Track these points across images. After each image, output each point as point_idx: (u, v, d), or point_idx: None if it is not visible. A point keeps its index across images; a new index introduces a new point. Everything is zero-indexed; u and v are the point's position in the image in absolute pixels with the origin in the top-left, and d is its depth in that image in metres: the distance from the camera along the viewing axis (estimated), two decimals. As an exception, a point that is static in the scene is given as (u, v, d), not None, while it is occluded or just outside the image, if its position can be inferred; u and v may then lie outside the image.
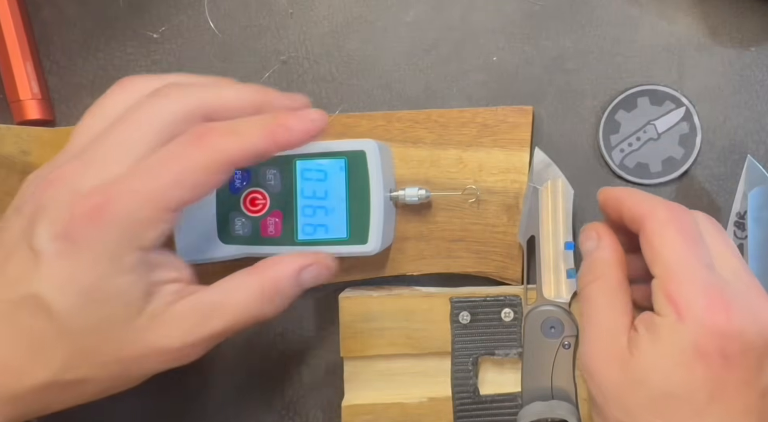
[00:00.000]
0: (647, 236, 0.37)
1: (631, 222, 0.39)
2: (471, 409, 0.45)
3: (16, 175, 0.49)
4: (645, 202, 0.38)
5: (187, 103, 0.36)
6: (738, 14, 0.47)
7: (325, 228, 0.43)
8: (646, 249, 0.37)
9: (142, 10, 0.50)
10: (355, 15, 0.49)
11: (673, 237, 0.36)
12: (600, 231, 0.41)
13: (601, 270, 0.39)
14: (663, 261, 0.36)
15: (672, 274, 0.35)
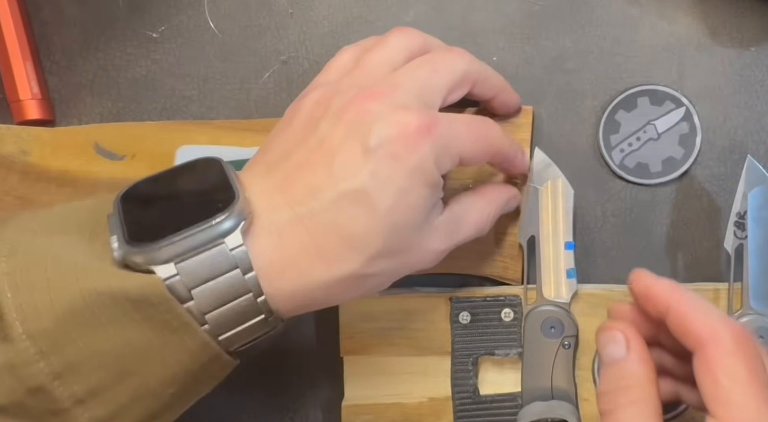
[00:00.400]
0: (710, 366, 0.33)
1: (682, 335, 0.34)
2: (471, 409, 0.45)
3: (16, 175, 0.49)
4: (707, 319, 0.34)
5: (471, 67, 0.41)
6: (738, 14, 0.47)
7: None
8: (707, 380, 0.33)
9: (142, 10, 0.50)
10: (355, 15, 0.49)
11: (742, 377, 0.32)
12: (629, 335, 0.36)
13: (637, 392, 0.35)
14: (730, 404, 0.32)
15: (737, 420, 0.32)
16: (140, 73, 0.50)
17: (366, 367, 0.47)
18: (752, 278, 0.43)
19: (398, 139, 0.36)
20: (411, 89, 0.38)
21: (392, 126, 0.36)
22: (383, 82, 0.38)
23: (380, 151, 0.36)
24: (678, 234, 0.47)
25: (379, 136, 0.36)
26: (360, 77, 0.39)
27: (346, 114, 0.37)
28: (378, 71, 0.40)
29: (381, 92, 0.37)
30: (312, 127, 0.38)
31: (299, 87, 0.49)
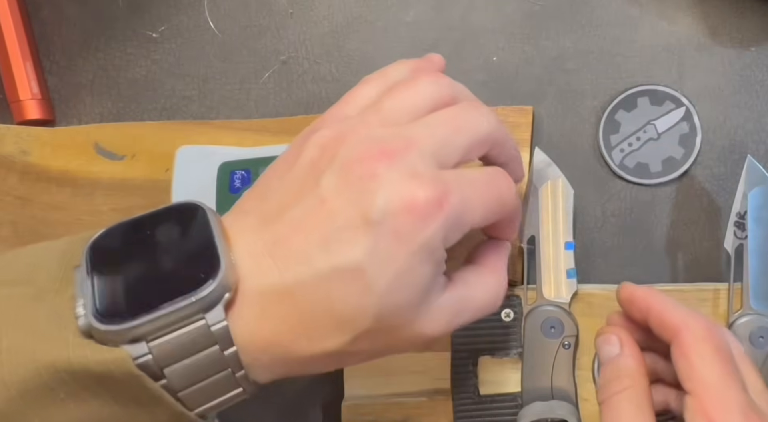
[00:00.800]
0: (684, 351, 0.37)
1: (661, 329, 0.38)
2: (471, 409, 0.45)
3: (16, 175, 0.49)
4: (678, 311, 0.38)
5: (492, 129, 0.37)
6: (738, 14, 0.47)
7: None
8: (682, 363, 0.37)
9: (142, 10, 0.50)
10: (355, 15, 0.49)
11: (712, 357, 0.36)
12: (622, 337, 0.40)
13: (628, 380, 0.38)
14: (702, 381, 0.36)
15: (712, 396, 0.35)
16: (140, 73, 0.50)
17: (366, 367, 0.47)
18: (752, 278, 0.43)
19: (404, 214, 0.33)
20: (427, 149, 0.34)
21: (399, 198, 0.33)
22: (398, 138, 0.35)
23: (382, 227, 0.33)
24: (678, 234, 0.47)
25: (383, 209, 0.33)
26: (376, 123, 0.36)
27: (352, 173, 0.34)
28: (398, 118, 0.36)
29: (393, 151, 0.34)
30: (314, 179, 0.34)
31: (299, 87, 0.49)
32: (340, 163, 0.34)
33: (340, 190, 0.33)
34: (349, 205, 0.33)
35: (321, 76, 0.49)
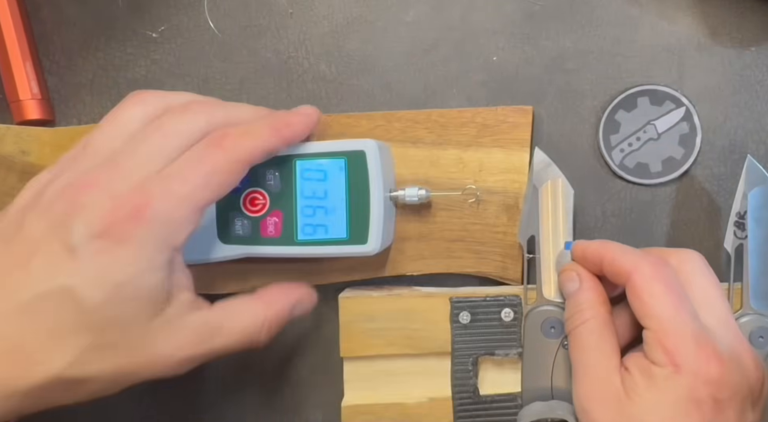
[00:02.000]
0: (636, 291, 0.40)
1: (614, 276, 0.41)
2: (471, 409, 0.45)
3: (16, 175, 0.49)
4: (627, 256, 0.41)
5: (213, 119, 0.39)
6: (738, 14, 0.47)
7: (324, 228, 0.43)
8: (636, 302, 0.40)
9: (142, 10, 0.50)
10: (355, 15, 0.49)
11: (660, 293, 0.39)
12: (580, 272, 0.43)
13: (588, 312, 0.41)
14: (656, 316, 0.39)
15: (665, 329, 0.39)
16: (140, 73, 0.50)
17: (366, 367, 0.47)
18: (752, 278, 0.43)
19: (104, 233, 0.35)
20: (134, 166, 0.36)
21: (96, 221, 0.35)
22: (101, 166, 0.37)
23: (86, 249, 0.35)
24: (678, 234, 0.47)
25: (82, 234, 0.35)
26: (84, 159, 0.38)
27: (53, 209, 0.36)
28: (107, 146, 0.38)
29: (93, 180, 0.36)
30: (18, 223, 0.36)
31: (299, 87, 0.49)
32: (44, 203, 0.36)
33: (41, 225, 0.36)
34: (49, 236, 0.35)
35: (321, 76, 0.49)
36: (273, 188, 0.43)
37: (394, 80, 0.48)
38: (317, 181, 0.43)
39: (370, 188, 0.43)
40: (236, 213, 0.43)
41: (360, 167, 0.43)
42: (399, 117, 0.47)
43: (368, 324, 0.46)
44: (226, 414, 0.50)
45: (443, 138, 0.47)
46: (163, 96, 0.40)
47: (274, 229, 0.43)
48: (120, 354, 0.36)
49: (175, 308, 0.37)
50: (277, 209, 0.43)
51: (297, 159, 0.43)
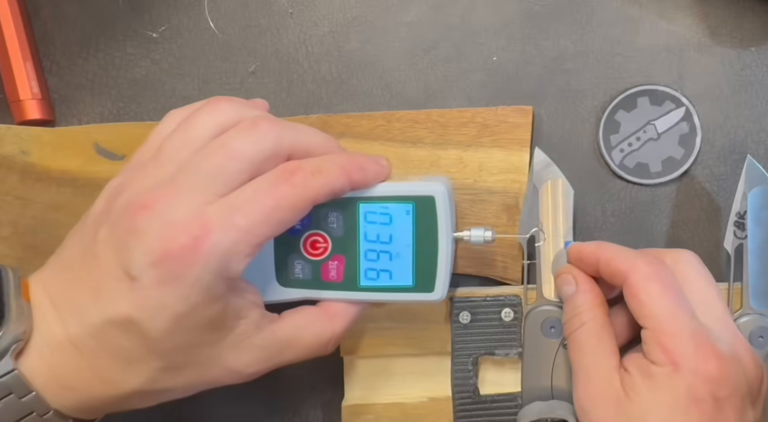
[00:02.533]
0: (633, 291, 0.40)
1: (611, 277, 0.41)
2: (471, 409, 0.45)
3: (16, 175, 0.49)
4: (623, 256, 0.40)
5: (281, 142, 0.37)
6: (738, 14, 0.47)
7: (389, 274, 0.41)
8: (633, 302, 0.40)
9: (142, 10, 0.50)
10: (355, 15, 0.49)
11: (657, 292, 0.39)
12: (576, 274, 0.43)
13: (586, 315, 0.41)
14: (653, 315, 0.39)
15: (663, 328, 0.39)
16: (140, 73, 0.50)
17: (366, 367, 0.47)
18: (752, 278, 0.43)
19: (161, 263, 0.34)
20: (194, 185, 0.35)
21: (153, 250, 0.34)
22: (160, 185, 0.35)
23: (145, 280, 0.34)
24: (678, 234, 0.47)
25: (140, 263, 0.34)
26: (153, 169, 0.37)
27: (118, 226, 0.35)
28: (176, 157, 0.37)
29: (152, 201, 0.35)
30: (94, 233, 0.36)
31: (299, 87, 0.49)
32: (113, 217, 0.36)
33: (110, 245, 0.36)
34: (114, 261, 0.35)
35: (321, 76, 0.49)
36: (335, 231, 0.41)
37: (394, 80, 0.48)
38: (382, 225, 0.41)
39: (438, 234, 0.40)
40: (296, 256, 0.41)
41: (428, 212, 0.40)
42: (399, 117, 0.47)
43: (368, 324, 0.46)
44: (226, 414, 0.50)
45: (443, 138, 0.47)
46: (238, 106, 0.39)
47: (335, 274, 0.41)
48: (191, 372, 0.37)
49: (242, 328, 0.37)
50: (339, 253, 0.41)
51: (360, 202, 0.40)
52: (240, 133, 0.37)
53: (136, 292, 0.35)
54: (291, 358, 0.40)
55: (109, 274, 0.35)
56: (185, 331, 0.35)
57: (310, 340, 0.40)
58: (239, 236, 0.35)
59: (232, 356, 0.38)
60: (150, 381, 0.37)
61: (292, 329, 0.39)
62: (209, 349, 0.37)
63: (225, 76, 0.49)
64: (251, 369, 0.39)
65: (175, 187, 0.35)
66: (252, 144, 0.36)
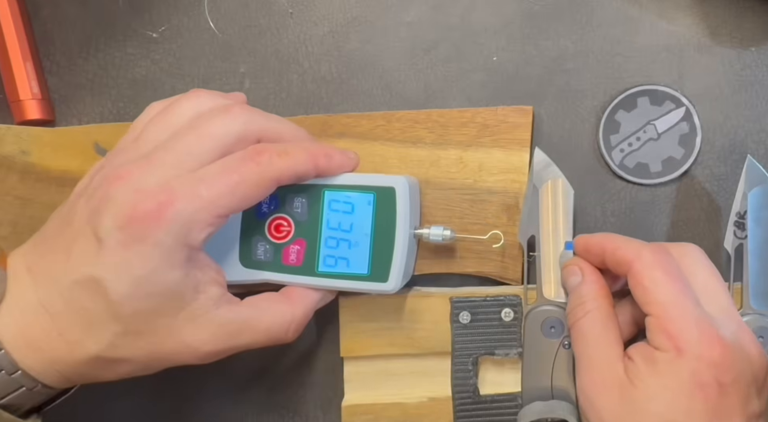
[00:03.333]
0: (638, 279, 0.40)
1: (616, 266, 0.42)
2: (471, 409, 0.45)
3: (16, 175, 0.49)
4: (628, 246, 0.41)
5: (250, 126, 0.40)
6: (738, 14, 0.47)
7: (346, 261, 0.42)
8: (637, 290, 0.40)
9: (142, 10, 0.50)
10: (355, 15, 0.49)
11: (662, 279, 0.40)
12: (582, 266, 0.43)
13: (591, 304, 0.42)
14: (657, 302, 0.39)
15: (668, 314, 0.39)
16: (140, 73, 0.50)
17: (366, 367, 0.47)
18: (752, 278, 0.43)
19: (127, 226, 0.36)
20: (167, 163, 0.38)
21: (121, 214, 0.36)
22: (136, 160, 0.38)
23: (111, 241, 0.36)
24: (678, 234, 0.47)
25: (108, 226, 0.36)
26: (132, 149, 0.40)
27: (94, 197, 0.38)
28: (155, 138, 0.39)
29: (125, 173, 0.37)
30: (73, 205, 0.39)
31: (299, 87, 0.49)
32: (90, 190, 0.38)
33: (84, 213, 0.38)
34: (86, 225, 0.37)
35: (321, 76, 0.49)
36: (299, 216, 0.43)
37: (394, 80, 0.48)
38: (344, 213, 0.42)
39: (396, 226, 0.42)
40: (260, 238, 0.43)
41: (388, 204, 0.42)
42: (399, 117, 0.47)
43: (368, 324, 0.46)
44: (226, 414, 0.50)
45: (443, 138, 0.47)
46: (215, 96, 0.41)
47: (295, 258, 0.43)
48: (149, 342, 0.38)
49: (201, 303, 0.39)
50: (300, 237, 0.43)
51: (326, 189, 0.42)
52: (212, 116, 0.39)
53: (102, 253, 0.37)
54: (249, 341, 0.40)
55: (81, 239, 0.37)
56: (145, 296, 0.37)
57: (268, 322, 0.41)
58: (202, 205, 0.37)
59: (189, 330, 0.39)
60: (109, 345, 0.38)
61: (251, 309, 0.41)
62: (167, 320, 0.38)
63: (225, 76, 0.49)
64: (207, 347, 0.39)
65: (149, 161, 0.38)
66: (222, 125, 0.39)
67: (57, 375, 0.39)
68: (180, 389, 0.50)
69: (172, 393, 0.50)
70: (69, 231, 0.38)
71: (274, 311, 0.41)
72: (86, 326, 0.38)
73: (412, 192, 0.43)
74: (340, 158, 0.42)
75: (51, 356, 0.38)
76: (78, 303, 0.37)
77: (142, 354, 0.39)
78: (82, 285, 0.37)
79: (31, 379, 0.38)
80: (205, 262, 0.39)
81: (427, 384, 0.46)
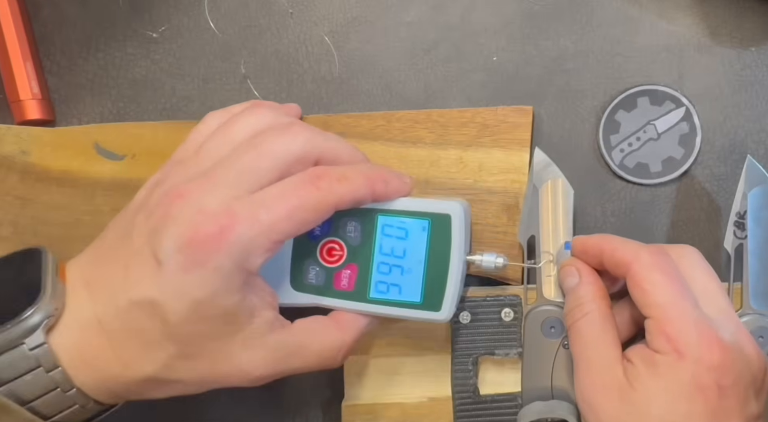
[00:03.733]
0: (636, 281, 0.40)
1: (614, 268, 0.41)
2: (471, 409, 0.45)
3: (16, 175, 0.49)
4: (626, 247, 0.41)
5: (310, 145, 0.39)
6: (738, 14, 0.47)
7: (398, 288, 0.41)
8: (636, 292, 0.40)
9: (142, 10, 0.50)
10: (355, 15, 0.49)
11: (661, 281, 0.39)
12: (579, 266, 0.43)
13: (588, 305, 0.42)
14: (656, 304, 0.39)
15: (667, 316, 0.39)
16: (140, 73, 0.50)
17: (366, 367, 0.47)
18: (752, 278, 0.43)
19: (187, 249, 0.36)
20: (226, 180, 0.37)
21: (182, 236, 0.36)
22: (198, 177, 0.38)
23: (170, 263, 0.36)
24: (678, 234, 0.47)
25: (168, 247, 0.36)
26: (192, 164, 0.39)
27: (154, 214, 0.37)
28: (215, 155, 0.39)
29: (187, 191, 0.37)
30: (131, 220, 0.39)
31: (299, 87, 0.49)
32: (151, 204, 0.38)
33: (144, 230, 0.37)
34: (146, 245, 0.37)
35: (321, 76, 0.49)
36: (352, 240, 0.42)
37: (394, 80, 0.48)
38: (398, 239, 0.41)
39: (451, 254, 0.41)
40: (311, 262, 0.42)
41: (443, 230, 0.41)
42: (399, 117, 0.47)
43: (368, 324, 0.46)
44: (226, 414, 0.50)
45: (443, 138, 0.47)
46: (275, 112, 0.41)
47: (347, 282, 0.42)
48: (203, 365, 0.38)
49: (255, 327, 0.38)
50: (353, 262, 0.42)
51: (380, 214, 0.41)
52: (272, 135, 0.39)
53: (161, 275, 0.36)
54: (300, 365, 0.40)
55: (139, 257, 0.37)
56: (202, 319, 0.37)
57: (319, 347, 0.41)
58: (261, 230, 0.36)
59: (243, 354, 0.38)
60: (164, 367, 0.38)
61: (303, 334, 0.40)
62: (221, 343, 0.38)
63: (225, 76, 0.49)
64: (259, 372, 0.39)
65: (209, 180, 0.37)
66: (282, 144, 0.38)
67: (108, 392, 0.39)
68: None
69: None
70: (128, 247, 0.38)
71: (325, 336, 0.41)
72: (142, 346, 0.38)
73: (467, 217, 0.42)
74: (397, 183, 0.41)
75: (105, 374, 0.38)
76: (135, 323, 0.37)
77: (195, 376, 0.39)
78: (140, 305, 0.37)
79: (85, 396, 0.38)
80: (260, 286, 0.39)
81: (427, 384, 0.46)
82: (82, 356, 0.38)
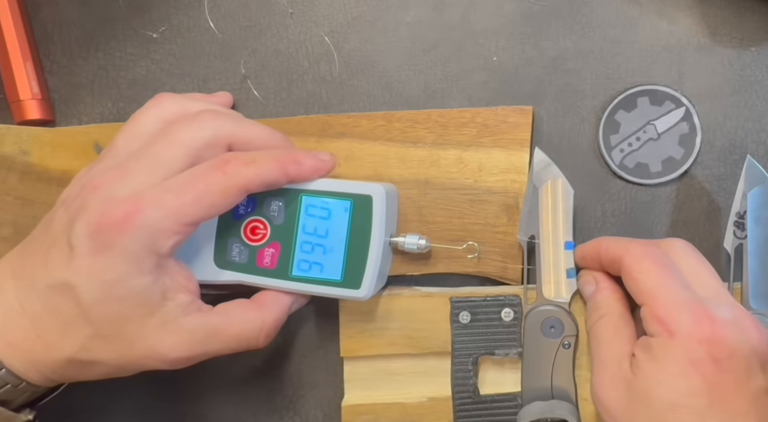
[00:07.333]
0: (628, 271, 0.41)
1: (610, 264, 0.43)
2: (471, 409, 0.45)
3: (16, 175, 0.49)
4: (618, 243, 0.43)
5: (220, 132, 0.41)
6: (738, 14, 0.47)
7: (320, 266, 0.43)
8: (629, 282, 0.41)
9: (142, 10, 0.50)
10: (355, 15, 0.49)
11: (650, 268, 0.40)
12: (596, 275, 0.44)
13: (604, 308, 0.43)
14: (647, 290, 0.40)
15: (657, 299, 0.40)
16: (140, 73, 0.50)
17: (366, 367, 0.47)
18: (752, 278, 0.43)
19: (95, 234, 0.38)
20: (138, 172, 0.39)
21: (91, 222, 0.38)
22: (111, 169, 0.40)
23: (81, 248, 0.38)
24: (678, 234, 0.47)
25: (79, 234, 0.38)
26: (109, 157, 0.41)
27: (71, 206, 0.39)
28: (127, 148, 0.41)
29: (102, 183, 0.39)
30: (53, 214, 0.41)
31: (299, 87, 0.49)
32: (70, 198, 0.40)
33: (62, 221, 0.39)
34: (62, 234, 0.39)
35: (321, 76, 0.49)
36: (275, 219, 0.43)
37: (394, 80, 0.48)
38: (320, 219, 0.42)
39: (371, 234, 0.42)
40: (235, 240, 0.43)
41: (365, 211, 0.42)
42: (399, 117, 0.47)
43: (368, 324, 0.46)
44: (226, 414, 0.50)
45: (443, 138, 0.47)
46: (182, 101, 0.42)
47: (270, 260, 0.43)
48: (119, 346, 0.40)
49: (169, 309, 0.39)
50: (276, 240, 0.43)
51: (304, 194, 0.42)
52: (182, 124, 0.40)
53: (73, 260, 0.38)
54: (220, 347, 0.41)
55: (56, 246, 0.39)
56: (114, 300, 0.38)
57: (238, 329, 0.41)
58: (167, 214, 0.38)
59: (158, 336, 0.39)
60: (81, 348, 0.39)
61: (221, 317, 0.41)
62: (136, 325, 0.39)
63: (225, 76, 0.49)
64: (175, 354, 0.40)
65: (121, 170, 0.39)
66: (191, 132, 0.40)
67: (38, 374, 0.40)
68: (180, 389, 0.50)
69: (172, 393, 0.50)
70: (48, 238, 0.40)
71: (244, 318, 0.42)
72: (61, 329, 0.39)
73: (389, 200, 0.43)
74: (312, 163, 0.42)
75: (31, 357, 0.40)
76: (53, 307, 0.39)
77: (113, 358, 0.40)
78: (56, 289, 0.39)
79: (15, 377, 0.40)
80: (174, 270, 0.40)
81: (427, 384, 0.46)
82: (8, 340, 0.39)
